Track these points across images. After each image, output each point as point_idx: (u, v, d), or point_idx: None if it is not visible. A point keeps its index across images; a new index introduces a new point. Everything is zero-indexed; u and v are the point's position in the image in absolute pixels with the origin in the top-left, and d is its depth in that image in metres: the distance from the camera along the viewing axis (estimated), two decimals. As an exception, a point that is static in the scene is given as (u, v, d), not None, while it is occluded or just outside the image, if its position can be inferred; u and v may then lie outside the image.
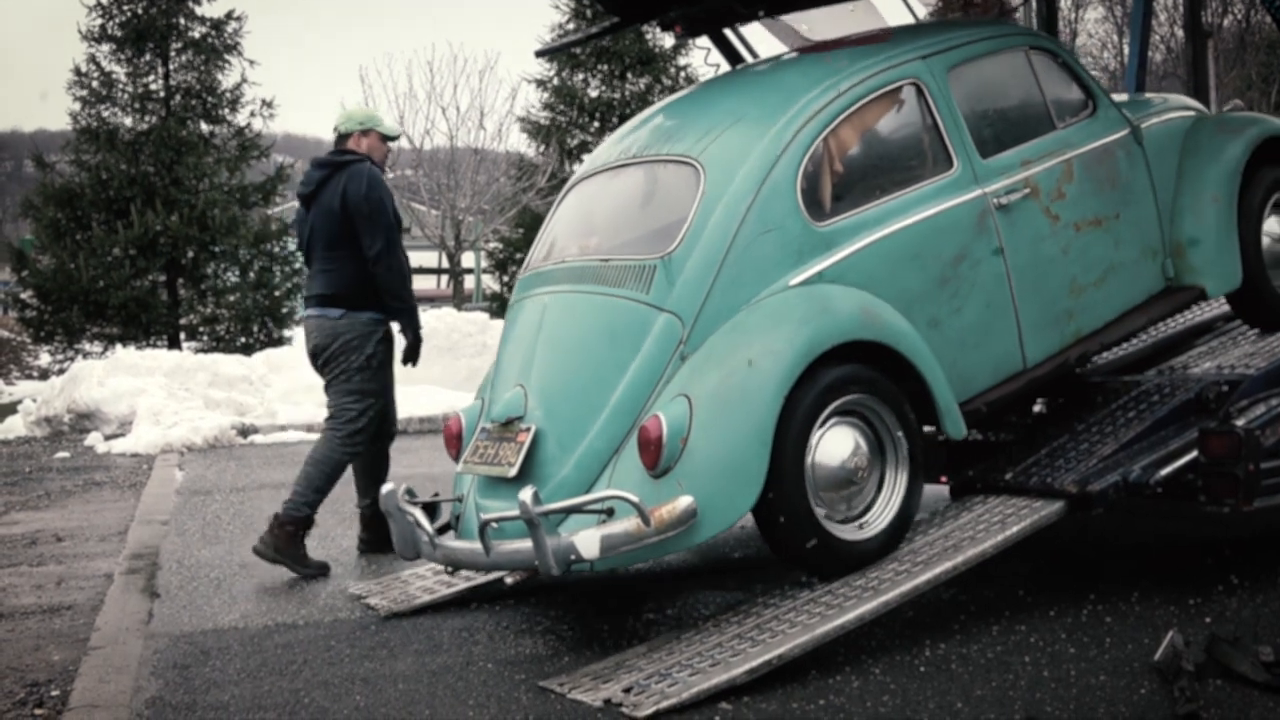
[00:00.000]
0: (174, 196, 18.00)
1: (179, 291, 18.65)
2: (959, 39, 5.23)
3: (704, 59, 6.20)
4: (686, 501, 4.12)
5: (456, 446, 4.96)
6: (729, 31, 6.19)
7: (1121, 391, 5.22)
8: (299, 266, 19.09)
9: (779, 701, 3.80)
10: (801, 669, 4.00)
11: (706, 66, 6.17)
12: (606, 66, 24.68)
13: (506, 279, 24.31)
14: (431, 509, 4.85)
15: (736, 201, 4.55)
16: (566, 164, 23.91)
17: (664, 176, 4.91)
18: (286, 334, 18.63)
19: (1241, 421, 4.63)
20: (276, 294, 18.62)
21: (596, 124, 24.42)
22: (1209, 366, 5.46)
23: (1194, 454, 4.63)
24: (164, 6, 18.86)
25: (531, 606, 5.10)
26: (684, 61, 24.73)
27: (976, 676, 3.97)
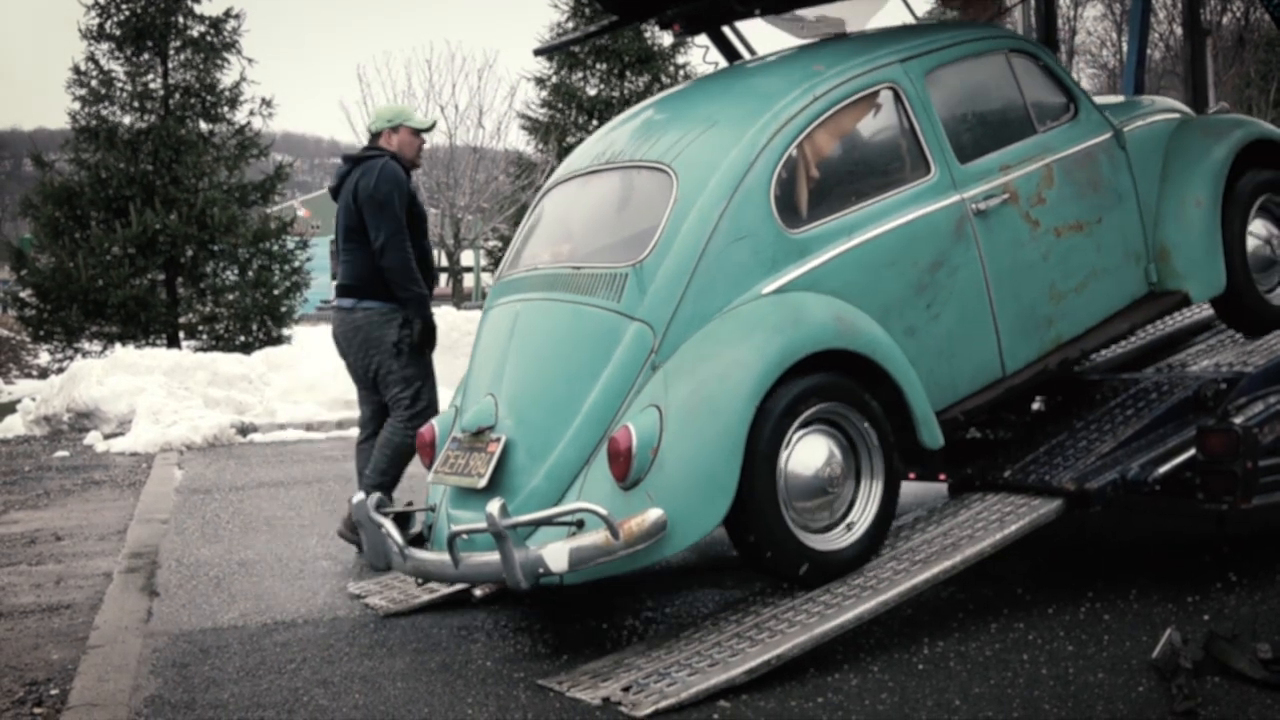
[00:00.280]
0: (173, 195, 17.95)
1: (178, 290, 18.58)
2: (938, 42, 5.16)
3: (702, 57, 6.21)
4: (656, 514, 4.06)
5: (430, 455, 4.89)
6: (727, 29, 6.19)
7: (1120, 389, 5.22)
8: (298, 265, 19.09)
9: (777, 699, 3.81)
10: (800, 666, 4.00)
11: (705, 65, 6.17)
12: (605, 65, 24.68)
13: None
14: (405, 519, 4.80)
15: (709, 208, 4.49)
16: (565, 162, 23.86)
17: (637, 182, 4.85)
18: (286, 332, 18.57)
19: (1240, 419, 4.64)
20: (276, 293, 18.54)
21: (595, 122, 24.38)
22: (1207, 364, 5.47)
23: (1192, 452, 4.65)
24: (163, 5, 18.80)
25: (530, 605, 5.09)
26: (683, 60, 24.73)
27: (975, 674, 3.97)
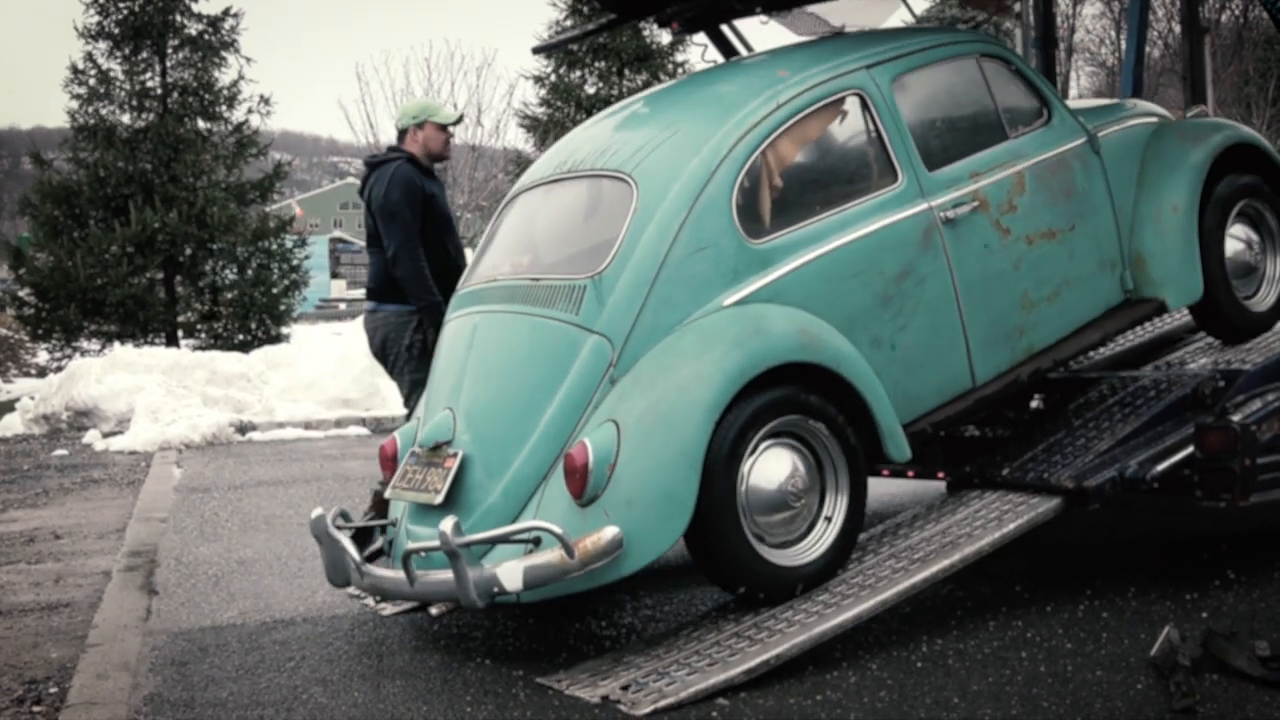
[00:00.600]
0: (172, 194, 17.94)
1: (177, 289, 18.57)
2: (906, 47, 5.07)
3: (701, 55, 6.20)
4: (612, 532, 3.98)
5: (391, 468, 4.78)
6: (726, 28, 6.19)
7: (1118, 387, 5.22)
8: (296, 263, 19.10)
9: (776, 697, 3.81)
10: (798, 664, 4.00)
11: (704, 63, 6.16)
12: (604, 63, 24.64)
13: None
14: (365, 534, 4.74)
15: (669, 218, 4.40)
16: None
17: (598, 192, 4.76)
18: (284, 331, 18.57)
19: (1238, 417, 4.64)
20: (274, 291, 18.54)
21: (594, 120, 24.37)
22: (1205, 362, 5.48)
23: (1190, 449, 4.65)
24: (160, 4, 18.77)
25: (529, 604, 5.09)
26: (681, 58, 24.66)
27: (973, 672, 3.98)
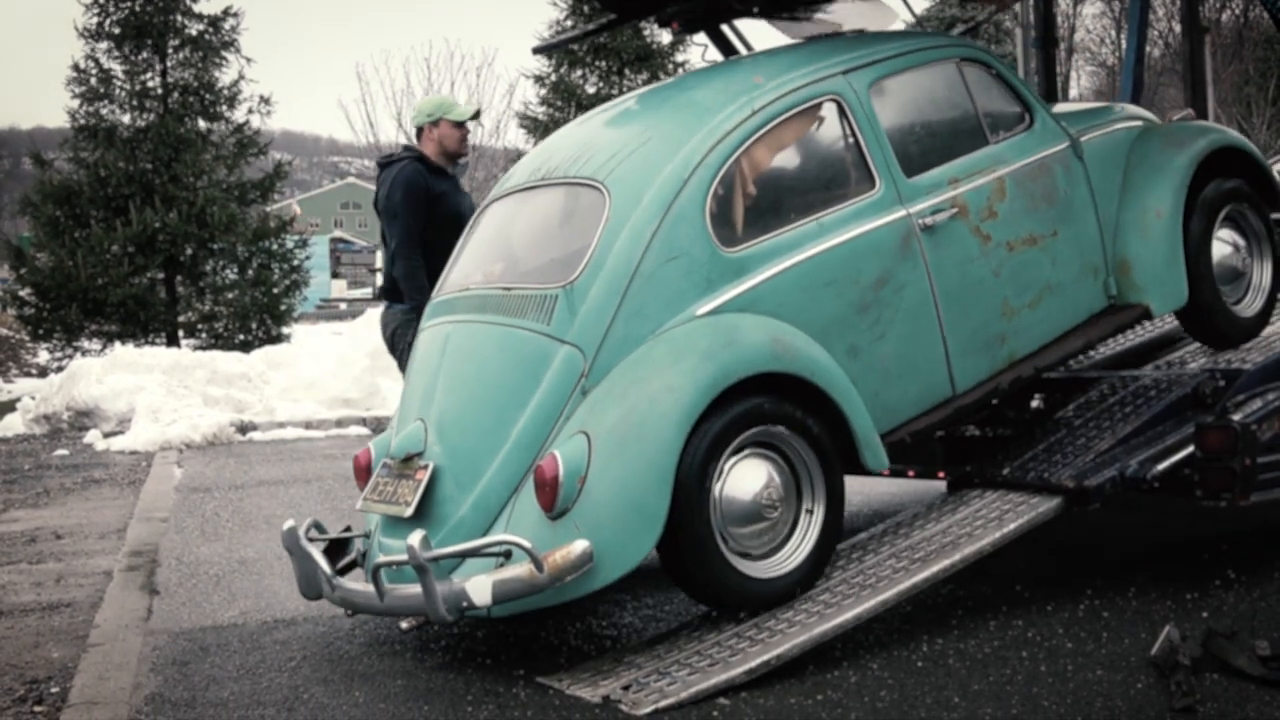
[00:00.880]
0: (172, 194, 17.94)
1: (177, 289, 18.58)
2: (884, 52, 5.02)
3: (701, 55, 6.20)
4: (582, 546, 3.92)
5: (365, 479, 4.70)
6: (726, 28, 6.19)
7: (1119, 386, 5.22)
8: (297, 263, 19.11)
9: (776, 697, 3.81)
10: (799, 664, 4.00)
11: (703, 63, 6.16)
12: (604, 63, 24.65)
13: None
14: (339, 546, 4.72)
15: (641, 227, 4.35)
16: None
17: (571, 200, 4.70)
18: (285, 331, 18.57)
19: (1238, 416, 4.64)
20: (275, 291, 18.54)
21: (594, 120, 24.37)
22: (1205, 361, 5.48)
23: (1190, 449, 4.64)
24: (161, 3, 18.78)
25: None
26: (681, 58, 24.68)
27: (974, 671, 3.98)
